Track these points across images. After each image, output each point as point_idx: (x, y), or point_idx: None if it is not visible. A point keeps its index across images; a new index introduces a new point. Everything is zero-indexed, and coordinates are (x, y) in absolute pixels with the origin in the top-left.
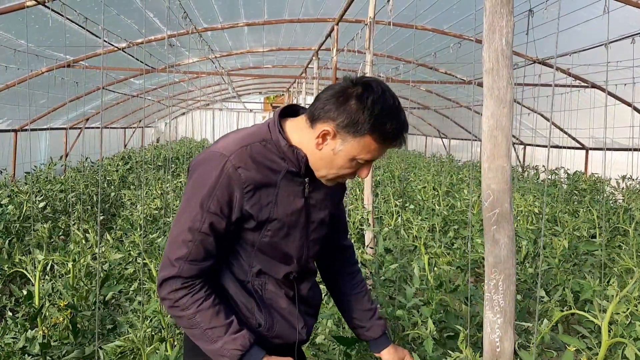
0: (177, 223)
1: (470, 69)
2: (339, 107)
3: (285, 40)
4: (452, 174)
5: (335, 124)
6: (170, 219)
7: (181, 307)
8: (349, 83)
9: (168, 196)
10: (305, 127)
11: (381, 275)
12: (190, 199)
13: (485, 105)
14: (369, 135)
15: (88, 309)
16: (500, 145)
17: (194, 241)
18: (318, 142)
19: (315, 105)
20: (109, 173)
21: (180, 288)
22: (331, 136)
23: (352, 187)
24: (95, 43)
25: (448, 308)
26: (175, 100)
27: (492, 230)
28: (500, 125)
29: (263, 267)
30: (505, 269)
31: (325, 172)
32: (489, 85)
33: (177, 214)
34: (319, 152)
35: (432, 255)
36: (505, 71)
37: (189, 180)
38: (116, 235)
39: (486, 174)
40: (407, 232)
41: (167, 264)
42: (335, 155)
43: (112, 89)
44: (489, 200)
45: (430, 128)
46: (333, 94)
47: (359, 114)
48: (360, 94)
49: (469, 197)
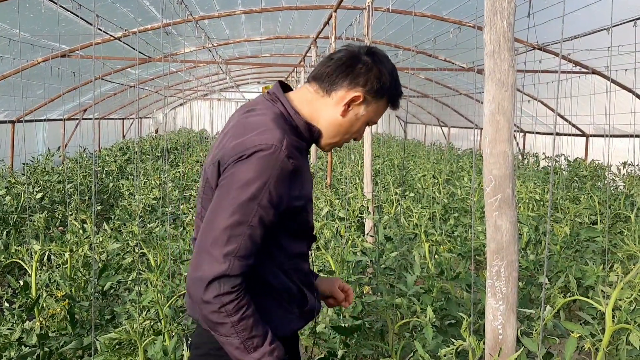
0: (221, 213)
1: (469, 55)
2: (365, 74)
3: (283, 29)
4: (451, 162)
5: (365, 89)
6: (169, 209)
7: (226, 313)
8: (358, 51)
9: (166, 186)
10: (315, 99)
11: (381, 263)
12: (240, 188)
13: (487, 89)
14: (386, 97)
15: (86, 299)
16: (502, 130)
17: (243, 235)
18: (345, 108)
19: (327, 74)
20: (107, 164)
21: (229, 292)
22: (359, 101)
23: (352, 175)
24: (91, 32)
25: (449, 295)
26: (173, 91)
27: (494, 217)
28: (502, 109)
29: (298, 248)
30: (508, 255)
31: (339, 138)
32: (490, 68)
33: (219, 206)
34: (340, 119)
35: (432, 242)
36: (507, 54)
37: (236, 167)
38: (114, 225)
39: (488, 159)
40: (407, 220)
41: (213, 260)
42: (357, 120)
43: (109, 79)
44: (491, 186)
45: (430, 116)
46: (349, 64)
47: (384, 78)
48: (379, 61)
49: (469, 184)
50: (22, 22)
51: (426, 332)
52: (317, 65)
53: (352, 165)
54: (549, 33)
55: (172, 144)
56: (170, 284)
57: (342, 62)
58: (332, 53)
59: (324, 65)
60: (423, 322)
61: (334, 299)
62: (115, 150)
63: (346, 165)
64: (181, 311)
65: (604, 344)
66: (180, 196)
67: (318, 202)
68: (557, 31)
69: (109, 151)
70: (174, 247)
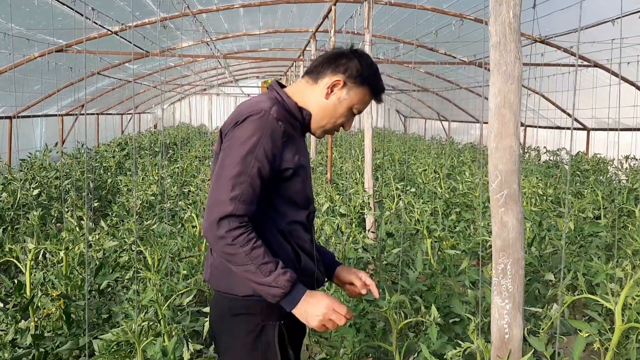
0: (226, 168)
1: (470, 49)
2: (345, 63)
3: (282, 22)
4: (452, 156)
5: (345, 75)
6: (168, 205)
7: (239, 244)
8: (345, 50)
9: (165, 182)
10: (305, 88)
11: (383, 260)
12: (239, 146)
13: (492, 82)
14: (367, 86)
15: (82, 298)
16: (508, 124)
17: (245, 183)
18: (328, 92)
19: (316, 67)
20: (105, 159)
21: (238, 227)
22: (340, 86)
23: (352, 170)
24: (88, 27)
25: (452, 293)
26: (172, 86)
27: (500, 213)
28: (508, 103)
29: (295, 215)
30: (514, 252)
31: (326, 122)
32: (496, 60)
33: (223, 162)
34: (325, 102)
35: (435, 239)
36: (513, 45)
37: (234, 131)
38: (112, 222)
39: (493, 154)
40: (408, 216)
41: (221, 203)
42: (339, 103)
43: (106, 74)
44: (497, 181)
45: (430, 111)
46: (334, 57)
47: (362, 68)
48: (360, 55)
49: (471, 179)
50: (17, 17)
51: (430, 332)
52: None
53: (353, 160)
54: (550, 25)
55: (171, 139)
56: (169, 283)
57: (328, 56)
58: (327, 52)
59: (314, 62)
60: (427, 321)
61: (354, 287)
62: (113, 146)
63: (346, 160)
64: (179, 310)
65: (614, 343)
66: (179, 192)
67: (318, 198)
68: (560, 23)
69: (107, 147)
70: (172, 245)
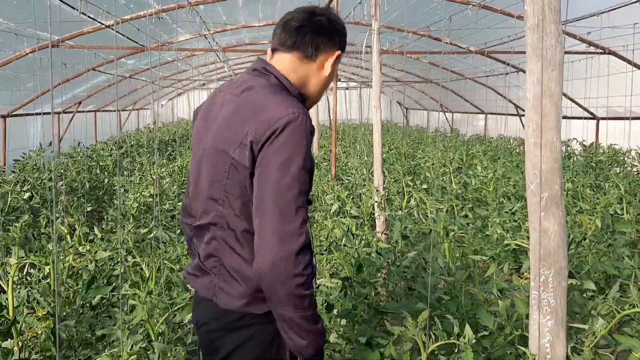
0: (284, 192)
1: (476, 38)
2: (335, 36)
3: (282, 13)
4: (460, 149)
5: (342, 47)
6: (167, 206)
7: (309, 285)
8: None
9: (164, 181)
10: (298, 65)
11: (398, 264)
12: (289, 163)
13: (530, 70)
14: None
15: (74, 314)
16: (548, 116)
17: (304, 204)
18: (334, 67)
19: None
20: (102, 158)
21: (311, 261)
22: (339, 58)
23: (358, 166)
24: (80, 20)
25: (477, 302)
26: (170, 81)
27: (540, 218)
28: (549, 92)
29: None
30: (556, 262)
31: (319, 96)
32: (534, 44)
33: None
34: (324, 77)
35: (454, 241)
36: (554, 27)
37: (277, 142)
38: (107, 227)
39: (532, 151)
40: (421, 215)
41: (291, 234)
42: (333, 73)
43: (102, 70)
44: (536, 182)
45: (432, 102)
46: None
47: (342, 35)
48: (335, 19)
49: (484, 173)
50: (4, 11)
51: (465, 357)
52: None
53: (359, 155)
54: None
55: (170, 135)
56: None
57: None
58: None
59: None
60: (462, 344)
61: None
62: (110, 144)
63: (350, 154)
64: (180, 327)
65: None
66: (179, 191)
67: (326, 198)
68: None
69: (104, 145)
70: (170, 252)
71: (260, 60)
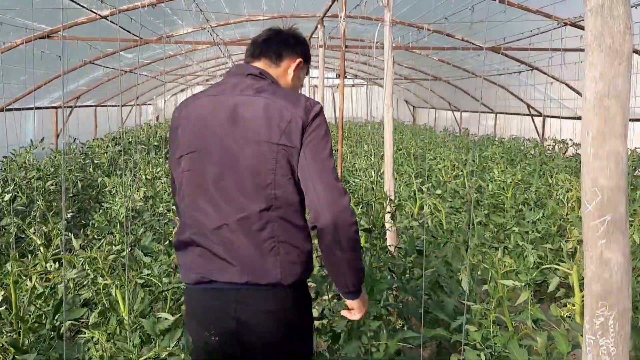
0: (329, 159)
1: (489, 34)
2: (297, 46)
3: (287, 7)
4: (472, 150)
5: (303, 56)
6: (161, 209)
7: (358, 230)
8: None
9: (161, 181)
10: (268, 69)
11: (412, 283)
12: (326, 139)
13: (591, 63)
14: (307, 61)
15: (41, 342)
16: (614, 121)
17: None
18: (296, 73)
19: (273, 49)
20: (97, 155)
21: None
22: (300, 66)
23: (366, 168)
24: (74, 11)
25: (508, 334)
26: (172, 76)
27: (600, 246)
28: (615, 91)
29: None
30: (619, 301)
31: None
32: (597, 31)
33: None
34: (288, 81)
35: (476, 256)
36: (622, 9)
37: (318, 125)
38: (92, 233)
39: (591, 163)
40: (435, 223)
41: (342, 192)
42: (298, 80)
43: (101, 63)
44: (596, 202)
45: (440, 100)
46: (285, 40)
47: (304, 44)
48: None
49: (501, 178)
50: None
51: None
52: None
53: (367, 155)
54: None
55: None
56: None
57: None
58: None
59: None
60: None
61: None
62: (107, 141)
63: (357, 154)
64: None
65: None
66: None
67: None
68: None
69: (101, 141)
70: (156, 268)
71: (247, 66)
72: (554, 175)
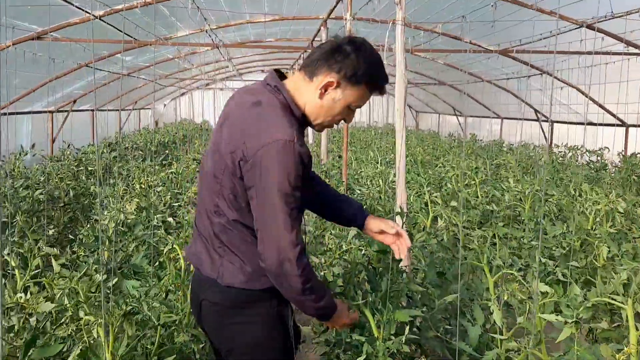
0: (276, 210)
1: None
2: (341, 61)
3: (289, 8)
4: (483, 157)
5: (339, 75)
6: (155, 222)
7: (309, 280)
8: (343, 40)
9: (158, 189)
10: (302, 83)
11: (431, 311)
12: (278, 184)
13: None
14: (364, 84)
15: None
16: None
17: (297, 217)
18: (321, 92)
19: (312, 61)
20: (91, 162)
21: (308, 262)
22: (334, 86)
23: (373, 176)
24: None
25: None
26: (172, 80)
27: None
28: None
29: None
30: None
31: (322, 119)
32: None
33: (267, 201)
34: (320, 101)
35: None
36: None
37: (266, 166)
38: (79, 251)
39: None
40: (450, 237)
41: (292, 245)
42: (334, 103)
43: (97, 66)
44: None
45: (444, 105)
46: (328, 51)
47: (359, 66)
48: (357, 49)
49: (519, 188)
50: None
51: None
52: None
53: (372, 163)
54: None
55: (170, 137)
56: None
57: (324, 51)
58: (324, 43)
59: (310, 54)
60: None
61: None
62: (102, 146)
63: (362, 160)
64: None
65: None
66: (172, 203)
67: None
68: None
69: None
70: (146, 294)
71: (273, 75)
72: (572, 186)
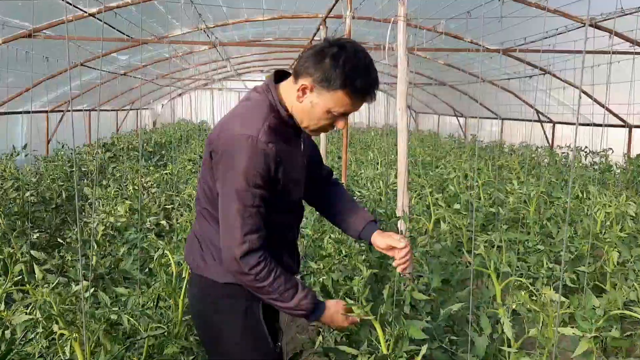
0: (230, 204)
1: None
2: (315, 64)
3: (288, 6)
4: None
5: (312, 79)
6: (148, 225)
7: (261, 279)
8: (327, 43)
9: (153, 191)
10: (290, 85)
11: (437, 320)
12: (236, 177)
13: None
14: (340, 90)
15: None
16: None
17: (252, 216)
18: (299, 95)
19: (299, 63)
20: (85, 163)
21: (258, 262)
22: (309, 90)
23: (374, 177)
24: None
25: None
26: (169, 80)
27: None
28: None
29: (286, 220)
30: None
31: (307, 123)
32: None
33: (225, 194)
34: (300, 104)
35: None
36: None
37: (227, 160)
38: (67, 256)
39: None
40: (453, 242)
41: (237, 242)
42: (312, 107)
43: (93, 66)
44: None
45: (443, 106)
46: (312, 53)
47: (332, 71)
48: (335, 53)
49: (523, 190)
50: None
51: None
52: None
53: (372, 164)
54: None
55: (167, 137)
56: None
57: (309, 54)
58: (315, 44)
59: (300, 56)
60: None
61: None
62: (97, 147)
63: (362, 162)
64: None
65: None
66: (166, 205)
67: None
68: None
69: (90, 148)
70: (132, 304)
71: (271, 77)
72: (578, 187)
